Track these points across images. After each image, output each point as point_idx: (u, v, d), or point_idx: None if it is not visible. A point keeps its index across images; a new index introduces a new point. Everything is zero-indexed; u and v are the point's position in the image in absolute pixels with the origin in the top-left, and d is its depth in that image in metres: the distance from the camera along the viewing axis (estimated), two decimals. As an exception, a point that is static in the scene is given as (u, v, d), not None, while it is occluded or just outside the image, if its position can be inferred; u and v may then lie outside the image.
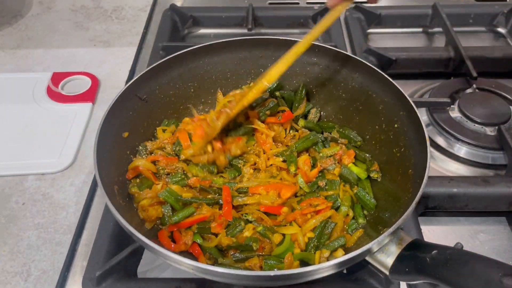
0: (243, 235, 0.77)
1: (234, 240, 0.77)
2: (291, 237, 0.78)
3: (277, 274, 0.61)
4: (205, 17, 1.43)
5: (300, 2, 1.53)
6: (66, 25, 1.46)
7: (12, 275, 0.82)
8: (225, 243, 0.76)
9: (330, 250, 0.76)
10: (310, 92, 1.03)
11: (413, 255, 0.64)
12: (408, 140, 0.82)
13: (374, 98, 0.92)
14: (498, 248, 0.85)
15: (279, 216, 0.81)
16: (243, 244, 0.76)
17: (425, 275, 0.61)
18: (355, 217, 0.82)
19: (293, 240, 0.78)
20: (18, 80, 1.22)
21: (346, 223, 0.81)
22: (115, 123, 0.84)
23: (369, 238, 0.77)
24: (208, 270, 0.61)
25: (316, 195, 0.85)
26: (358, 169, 0.89)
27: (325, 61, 0.99)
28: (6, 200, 0.94)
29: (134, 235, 0.64)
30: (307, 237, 0.78)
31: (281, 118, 0.96)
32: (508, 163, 0.96)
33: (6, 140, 1.05)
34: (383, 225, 0.75)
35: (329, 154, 0.91)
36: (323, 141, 0.95)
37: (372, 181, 0.88)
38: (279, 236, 0.78)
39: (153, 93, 0.93)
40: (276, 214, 0.81)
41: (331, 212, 0.81)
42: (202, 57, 0.98)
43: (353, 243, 0.78)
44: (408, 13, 1.43)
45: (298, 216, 0.80)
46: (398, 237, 0.67)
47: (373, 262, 0.67)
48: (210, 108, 1.04)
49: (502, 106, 1.07)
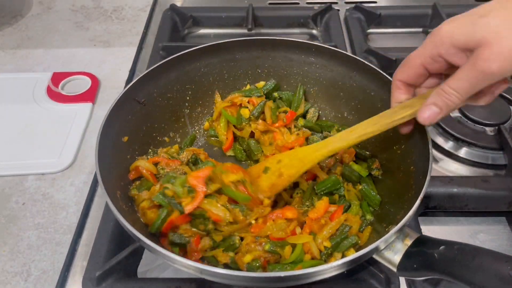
0: (243, 260, 0.72)
1: (231, 256, 0.73)
2: (303, 246, 0.75)
3: (288, 275, 0.59)
4: (205, 17, 1.43)
5: (300, 2, 1.53)
6: (66, 25, 1.46)
7: (12, 275, 0.82)
8: (221, 261, 0.73)
9: (342, 252, 0.75)
10: (308, 91, 1.03)
11: (421, 251, 0.64)
12: (408, 136, 0.82)
13: (373, 96, 0.92)
14: (498, 248, 0.85)
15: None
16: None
17: (434, 271, 0.62)
18: (363, 214, 0.82)
19: (305, 250, 0.75)
20: (18, 80, 1.22)
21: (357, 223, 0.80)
22: (115, 128, 0.83)
23: (375, 236, 0.76)
24: (210, 272, 0.61)
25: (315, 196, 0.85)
26: (359, 167, 0.89)
27: (322, 60, 0.99)
28: (6, 200, 0.94)
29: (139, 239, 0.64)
30: (323, 245, 0.75)
31: (286, 120, 0.96)
32: (508, 163, 0.96)
33: (6, 140, 1.05)
34: (388, 222, 0.75)
35: None
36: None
37: (374, 179, 0.88)
38: (290, 249, 0.74)
39: (151, 96, 0.93)
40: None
41: (346, 215, 0.79)
42: (198, 59, 0.98)
43: (365, 241, 0.77)
44: (408, 13, 1.42)
45: (312, 224, 0.78)
46: (404, 234, 0.67)
47: (380, 260, 0.67)
48: (208, 110, 1.03)
49: (502, 106, 1.07)
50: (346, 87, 0.97)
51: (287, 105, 1.00)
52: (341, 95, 0.99)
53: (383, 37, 1.41)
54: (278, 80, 1.02)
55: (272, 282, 0.63)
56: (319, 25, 1.41)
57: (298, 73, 1.02)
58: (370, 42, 1.38)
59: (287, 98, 1.01)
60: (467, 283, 0.57)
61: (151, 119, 0.93)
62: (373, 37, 1.41)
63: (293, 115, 0.97)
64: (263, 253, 0.73)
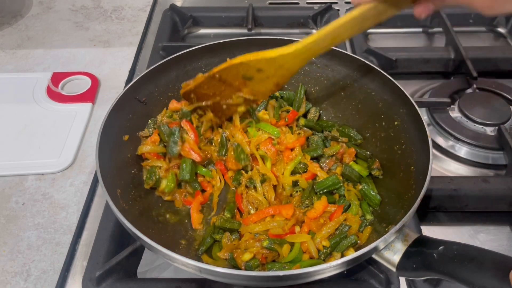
0: (241, 258, 0.73)
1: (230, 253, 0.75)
2: (302, 246, 0.75)
3: (286, 274, 0.60)
4: (205, 17, 1.43)
5: (300, 2, 1.53)
6: (66, 25, 1.46)
7: (12, 275, 0.82)
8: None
9: (341, 252, 0.75)
10: (309, 91, 1.03)
11: (420, 251, 0.65)
12: (408, 137, 0.82)
13: (373, 96, 0.92)
14: (498, 248, 0.85)
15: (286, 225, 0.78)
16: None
17: (433, 271, 0.62)
18: (363, 214, 0.82)
19: (303, 249, 0.75)
20: (18, 80, 1.22)
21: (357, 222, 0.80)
22: (116, 126, 0.84)
23: (375, 236, 0.77)
24: (210, 270, 0.61)
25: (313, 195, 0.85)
26: (359, 167, 0.89)
27: (323, 60, 0.99)
28: (6, 200, 0.94)
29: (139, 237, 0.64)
30: (322, 245, 0.75)
31: (287, 120, 0.96)
32: (508, 163, 0.96)
33: (6, 140, 1.05)
34: (388, 222, 0.75)
35: (331, 153, 0.91)
36: (324, 140, 0.95)
37: (374, 179, 0.88)
38: (288, 247, 0.75)
39: (151, 95, 0.94)
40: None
41: (345, 215, 0.79)
42: (199, 59, 0.99)
43: (364, 241, 0.77)
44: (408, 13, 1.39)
45: (311, 223, 0.78)
46: (404, 234, 0.67)
47: (380, 260, 0.67)
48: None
49: (502, 106, 1.07)
50: (347, 87, 0.97)
51: (288, 104, 1.01)
52: (342, 94, 0.99)
53: (383, 37, 1.41)
54: None
55: (271, 281, 0.63)
56: (319, 25, 1.41)
57: (299, 73, 1.02)
58: (370, 42, 1.38)
59: (289, 98, 1.02)
60: (466, 283, 0.58)
61: (152, 118, 0.93)
62: (373, 37, 1.41)
63: (295, 114, 0.97)
64: (261, 249, 0.74)
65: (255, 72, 0.82)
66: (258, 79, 0.83)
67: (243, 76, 0.83)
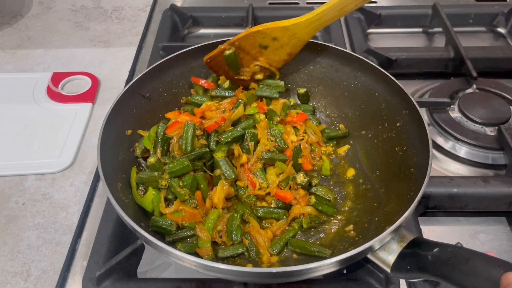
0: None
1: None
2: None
3: (279, 270, 0.60)
4: (205, 17, 1.43)
5: (300, 2, 1.53)
6: (66, 25, 1.46)
7: (12, 275, 0.82)
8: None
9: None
10: (312, 91, 1.03)
11: (415, 253, 0.64)
12: (410, 138, 0.82)
13: (377, 97, 0.92)
14: (498, 248, 0.85)
15: None
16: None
17: (427, 273, 0.61)
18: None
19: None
20: (18, 80, 1.22)
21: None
22: (119, 120, 0.84)
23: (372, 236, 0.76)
24: (210, 267, 0.61)
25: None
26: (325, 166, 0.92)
27: (327, 60, 1.00)
28: (6, 200, 0.94)
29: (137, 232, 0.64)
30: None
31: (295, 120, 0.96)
32: (508, 163, 0.96)
33: (6, 140, 1.05)
34: (386, 223, 0.75)
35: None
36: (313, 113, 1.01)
37: (375, 179, 0.88)
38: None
39: (156, 91, 0.94)
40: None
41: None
42: (204, 56, 0.98)
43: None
44: (408, 13, 1.42)
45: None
46: (400, 235, 0.67)
47: (375, 260, 0.67)
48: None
49: (502, 106, 1.07)
50: (351, 87, 0.98)
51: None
52: (346, 94, 0.99)
53: (383, 37, 1.41)
54: (283, 78, 1.01)
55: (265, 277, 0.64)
56: (319, 25, 1.40)
57: (304, 72, 1.03)
58: (370, 42, 1.38)
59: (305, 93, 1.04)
60: (459, 286, 0.57)
61: (155, 113, 0.94)
62: (373, 37, 1.41)
63: (303, 117, 0.96)
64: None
65: (271, 41, 0.92)
66: (273, 48, 0.93)
67: (259, 44, 0.93)
